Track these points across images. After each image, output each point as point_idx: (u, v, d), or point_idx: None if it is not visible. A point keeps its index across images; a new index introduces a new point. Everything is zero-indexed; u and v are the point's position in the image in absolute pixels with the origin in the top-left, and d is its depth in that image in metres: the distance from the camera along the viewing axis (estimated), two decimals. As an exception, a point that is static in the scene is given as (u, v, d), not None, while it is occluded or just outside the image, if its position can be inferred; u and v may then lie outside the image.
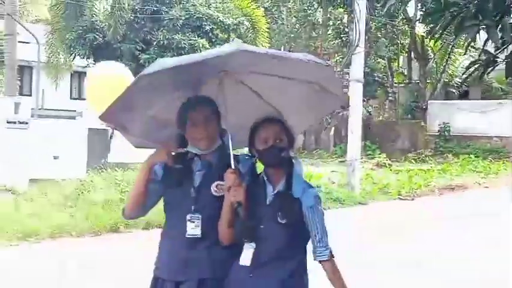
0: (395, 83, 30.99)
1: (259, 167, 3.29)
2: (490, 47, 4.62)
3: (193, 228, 3.22)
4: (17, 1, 19.47)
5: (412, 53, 30.26)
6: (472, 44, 4.51)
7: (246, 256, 3.13)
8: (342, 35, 28.80)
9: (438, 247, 9.81)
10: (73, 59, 23.26)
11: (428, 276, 8.00)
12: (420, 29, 27.65)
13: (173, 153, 3.28)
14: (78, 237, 10.04)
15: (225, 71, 3.16)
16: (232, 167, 3.15)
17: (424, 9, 20.82)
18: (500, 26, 4.07)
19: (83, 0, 21.12)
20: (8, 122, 14.52)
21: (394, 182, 16.96)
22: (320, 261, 3.22)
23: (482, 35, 4.37)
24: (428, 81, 29.59)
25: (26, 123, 14.83)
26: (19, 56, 19.61)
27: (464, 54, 20.04)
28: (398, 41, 29.96)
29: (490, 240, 10.24)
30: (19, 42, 19.62)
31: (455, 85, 29.62)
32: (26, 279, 7.61)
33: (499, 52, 4.43)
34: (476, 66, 4.52)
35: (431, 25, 4.65)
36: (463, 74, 5.53)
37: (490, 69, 4.50)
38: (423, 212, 13.77)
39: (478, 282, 7.67)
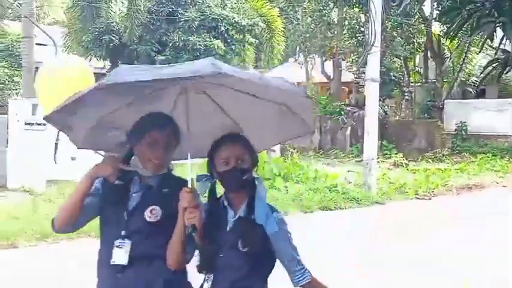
0: (411, 82, 30.85)
1: (219, 189, 3.06)
2: (508, 46, 4.59)
3: (120, 255, 3.01)
4: (34, 3, 19.62)
5: (429, 52, 30.09)
6: (490, 42, 4.49)
7: None
8: (357, 35, 28.70)
9: (454, 246, 9.77)
10: (89, 60, 23.41)
11: (442, 276, 7.97)
12: (436, 27, 27.53)
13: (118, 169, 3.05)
14: (96, 238, 10.08)
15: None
16: (189, 185, 2.90)
17: (440, 8, 20.71)
18: (516, 23, 4.05)
19: (99, 2, 21.25)
20: (26, 124, 14.64)
21: (411, 181, 16.88)
22: (303, 286, 2.99)
23: (500, 34, 4.35)
24: (445, 80, 29.40)
25: (44, 124, 14.94)
26: (36, 58, 19.77)
27: (480, 52, 19.82)
28: (415, 40, 29.76)
29: (506, 239, 10.18)
30: (36, 44, 19.78)
31: (472, 84, 29.42)
32: (43, 279, 7.67)
33: None
34: (494, 65, 4.50)
35: (448, 24, 4.63)
36: (480, 74, 5.45)
37: (508, 67, 4.47)
38: (440, 212, 13.70)
39: (491, 281, 7.63)
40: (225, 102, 3.21)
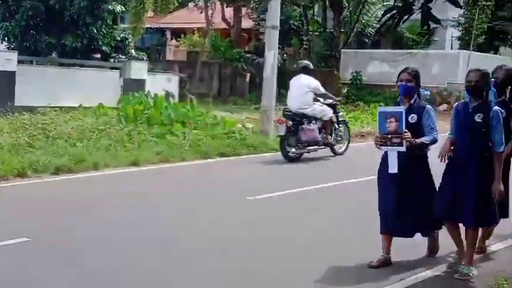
0: (310, 31, 31.14)
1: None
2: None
3: None
4: None
5: (327, 2, 30.39)
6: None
7: None
8: (258, -19, 28.54)
9: (340, 193, 10.10)
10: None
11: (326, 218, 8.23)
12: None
13: None
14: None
15: None
16: None
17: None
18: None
19: None
20: None
21: (307, 129, 17.14)
22: None
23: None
24: (342, 30, 29.88)
25: None
26: None
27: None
28: (314, -11, 30.00)
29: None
30: None
31: (368, 34, 30.10)
32: None
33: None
34: (392, 13, 4.53)
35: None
36: (378, 21, 5.42)
37: (406, 17, 4.51)
38: (339, 158, 14.04)
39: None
40: None
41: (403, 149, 5.83)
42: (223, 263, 6.21)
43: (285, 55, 28.73)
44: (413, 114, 6.00)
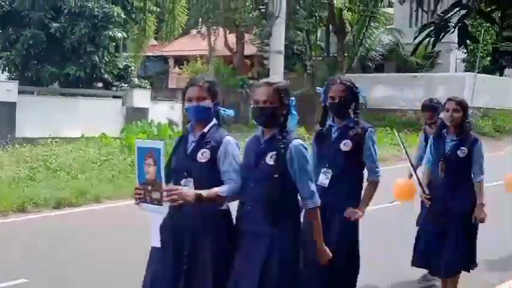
0: (313, 56, 30.98)
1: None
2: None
3: None
4: None
5: (330, 26, 30.27)
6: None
7: None
8: (260, 7, 28.44)
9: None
10: (-23, 27, 21.88)
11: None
12: (338, 1, 27.68)
13: None
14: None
15: None
16: None
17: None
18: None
19: (-13, -37, 19.78)
20: None
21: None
22: None
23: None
24: (345, 54, 29.71)
25: None
26: None
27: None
28: (317, 14, 29.88)
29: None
30: None
31: (371, 58, 29.90)
32: None
33: (452, 15, 4.09)
34: (429, 30, 4.13)
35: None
36: (414, 39, 4.89)
37: (442, 34, 4.13)
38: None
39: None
40: None
41: (164, 210, 3.65)
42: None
43: (288, 80, 28.47)
44: (204, 150, 3.79)
